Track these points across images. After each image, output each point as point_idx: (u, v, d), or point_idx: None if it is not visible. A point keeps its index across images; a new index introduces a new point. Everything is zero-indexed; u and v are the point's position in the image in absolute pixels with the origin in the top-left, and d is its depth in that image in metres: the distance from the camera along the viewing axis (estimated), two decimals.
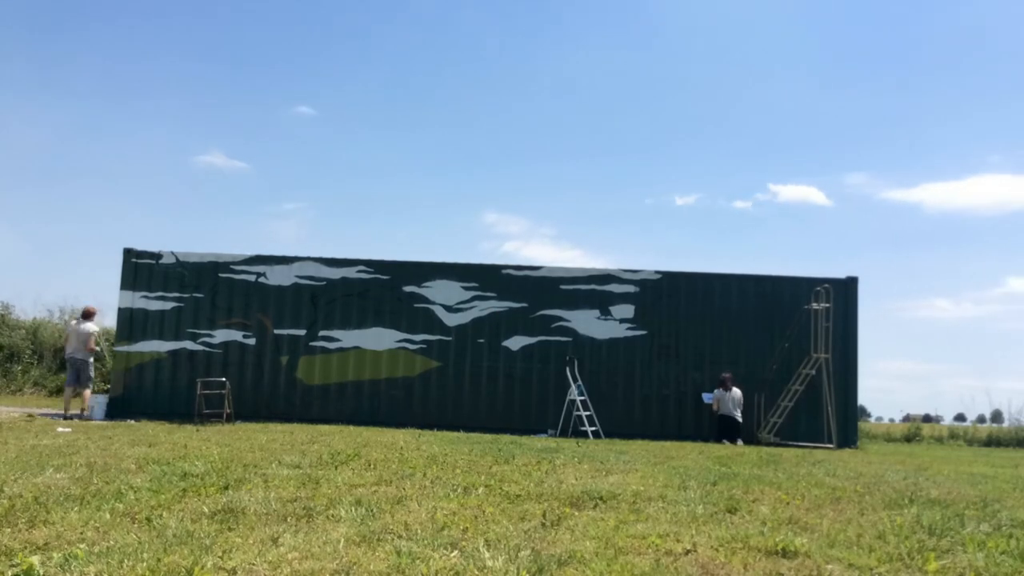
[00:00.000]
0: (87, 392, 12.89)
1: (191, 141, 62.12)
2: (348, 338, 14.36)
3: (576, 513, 4.65)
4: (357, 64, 75.15)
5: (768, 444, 12.91)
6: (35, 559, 3.17)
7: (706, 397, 13.92)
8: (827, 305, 13.59)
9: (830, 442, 13.20)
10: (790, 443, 13.13)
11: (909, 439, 18.94)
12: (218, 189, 65.09)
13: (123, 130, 57.12)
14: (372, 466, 6.50)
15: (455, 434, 11.48)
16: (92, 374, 13.15)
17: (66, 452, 7.01)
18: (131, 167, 56.75)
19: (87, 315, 13.19)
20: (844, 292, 14.08)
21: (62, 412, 12.65)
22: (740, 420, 13.46)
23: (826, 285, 13.76)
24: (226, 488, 5.13)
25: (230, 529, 3.96)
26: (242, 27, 67.84)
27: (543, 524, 4.28)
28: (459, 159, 77.28)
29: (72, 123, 55.37)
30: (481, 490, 5.36)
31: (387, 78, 73.35)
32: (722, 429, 13.35)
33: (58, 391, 18.37)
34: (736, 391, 13.58)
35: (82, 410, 12.72)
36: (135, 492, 4.89)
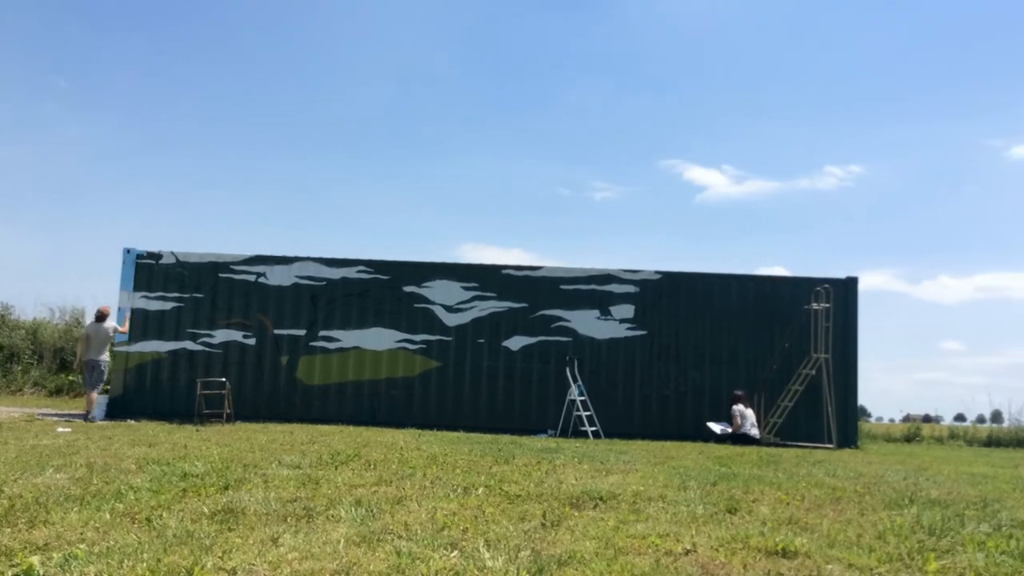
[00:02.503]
0: (94, 395, 12.74)
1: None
2: (348, 338, 14.36)
3: (576, 513, 4.65)
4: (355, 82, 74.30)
5: (768, 444, 12.89)
6: (35, 559, 3.18)
7: (715, 427, 13.39)
8: (827, 305, 13.58)
9: (830, 442, 13.19)
10: (790, 443, 13.12)
11: (909, 439, 18.92)
12: None
13: None
14: (372, 466, 6.51)
15: (455, 434, 11.48)
16: (104, 378, 12.94)
17: (66, 452, 7.02)
18: None
19: (102, 316, 13.07)
20: (844, 292, 14.08)
21: (64, 413, 12.59)
22: (758, 438, 13.22)
23: (826, 285, 13.77)
24: (226, 488, 5.13)
25: (230, 529, 3.96)
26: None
27: (543, 524, 4.28)
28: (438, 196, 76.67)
29: None
30: (481, 490, 5.36)
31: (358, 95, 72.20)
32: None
33: (58, 391, 18.39)
34: (750, 409, 13.41)
35: (87, 412, 12.45)
36: (135, 492, 4.89)
